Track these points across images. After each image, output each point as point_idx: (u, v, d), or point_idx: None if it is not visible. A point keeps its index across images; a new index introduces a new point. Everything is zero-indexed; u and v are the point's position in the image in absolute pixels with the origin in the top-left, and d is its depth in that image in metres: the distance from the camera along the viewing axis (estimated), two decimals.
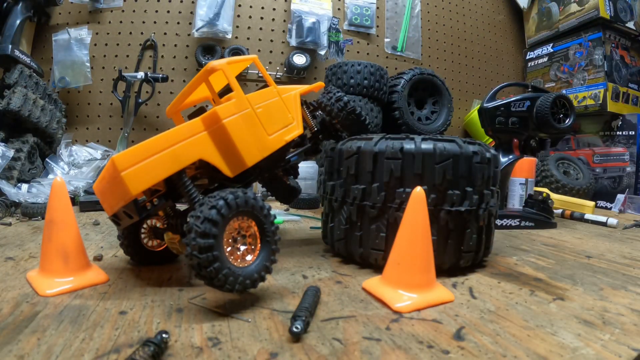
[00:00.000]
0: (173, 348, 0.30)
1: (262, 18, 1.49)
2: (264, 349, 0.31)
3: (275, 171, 0.67)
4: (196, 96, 0.62)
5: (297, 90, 0.58)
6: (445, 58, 1.74)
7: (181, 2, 1.40)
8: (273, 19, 1.50)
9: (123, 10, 1.36)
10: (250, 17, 1.48)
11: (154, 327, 0.34)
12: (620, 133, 1.47)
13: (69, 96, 1.32)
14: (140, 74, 1.28)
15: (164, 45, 1.39)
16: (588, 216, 1.02)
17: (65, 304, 0.38)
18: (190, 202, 0.44)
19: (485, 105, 0.95)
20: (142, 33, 1.37)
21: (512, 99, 0.93)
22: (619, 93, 1.49)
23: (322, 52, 1.48)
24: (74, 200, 1.04)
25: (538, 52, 1.78)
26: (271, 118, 0.52)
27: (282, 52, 1.50)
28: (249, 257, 0.41)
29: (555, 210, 1.03)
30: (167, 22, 1.39)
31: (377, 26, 1.61)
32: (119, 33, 1.35)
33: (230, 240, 0.40)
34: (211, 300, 0.40)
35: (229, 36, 1.40)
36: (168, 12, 1.39)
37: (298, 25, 1.45)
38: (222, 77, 0.59)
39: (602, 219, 0.97)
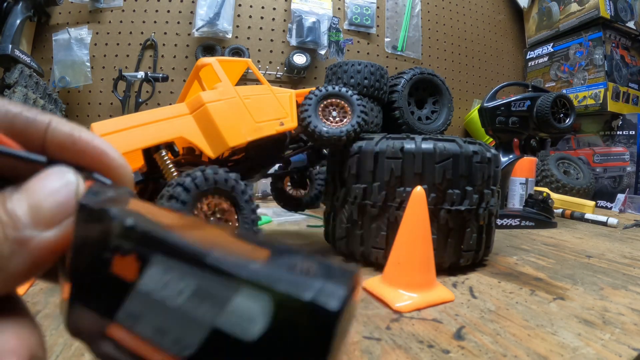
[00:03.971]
0: None
1: (262, 18, 1.49)
2: None
3: (277, 175, 0.68)
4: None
5: (292, 91, 0.59)
6: (445, 58, 1.74)
7: (181, 1, 1.40)
8: (273, 19, 1.50)
9: (123, 10, 1.36)
10: (250, 16, 1.48)
11: None
12: (621, 133, 1.47)
13: (69, 96, 1.32)
14: (141, 74, 1.28)
15: (164, 44, 1.39)
16: (588, 216, 1.02)
17: None
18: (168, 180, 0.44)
19: (485, 105, 0.95)
20: (142, 33, 1.37)
21: (512, 99, 0.93)
22: (619, 93, 1.49)
23: (323, 52, 1.48)
24: None
25: (538, 51, 1.78)
26: (261, 108, 0.53)
27: (282, 52, 1.50)
28: None
29: (555, 210, 1.03)
30: (167, 22, 1.39)
31: (378, 26, 1.61)
32: (119, 33, 1.35)
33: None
34: None
35: (229, 36, 1.40)
36: (168, 11, 1.39)
37: (298, 25, 1.45)
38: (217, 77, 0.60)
39: (603, 218, 0.97)
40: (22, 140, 0.13)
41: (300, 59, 1.43)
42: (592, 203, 1.11)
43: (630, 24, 1.53)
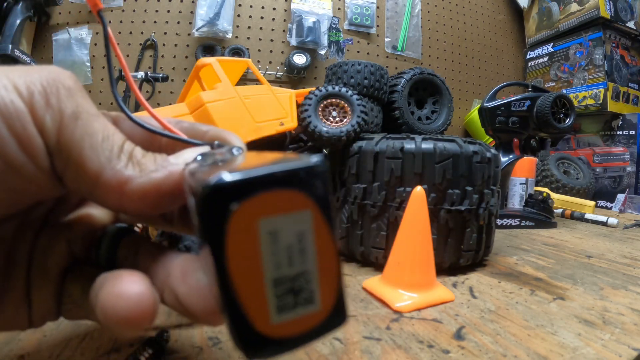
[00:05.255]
0: (173, 347, 0.30)
1: (262, 18, 1.49)
2: None
3: None
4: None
5: (292, 91, 0.59)
6: (445, 58, 1.74)
7: (181, 1, 1.40)
8: (273, 19, 1.50)
9: (123, 10, 1.36)
10: (250, 16, 1.48)
11: (154, 327, 0.34)
12: (621, 133, 1.47)
13: None
14: (141, 74, 1.28)
15: (164, 44, 1.39)
16: (588, 216, 1.02)
17: None
18: None
19: (485, 104, 0.95)
20: (142, 33, 1.37)
21: (512, 99, 0.93)
22: (619, 93, 1.49)
23: (323, 52, 1.48)
24: None
25: (538, 51, 1.78)
26: (261, 108, 0.54)
27: (282, 52, 1.50)
28: None
29: (555, 210, 1.03)
30: (167, 22, 1.39)
31: (378, 26, 1.61)
32: (119, 33, 1.35)
33: None
34: None
35: (229, 36, 1.40)
36: (168, 11, 1.39)
37: (298, 25, 1.45)
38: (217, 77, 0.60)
39: (603, 218, 0.97)
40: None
41: (300, 59, 1.43)
42: (592, 203, 1.11)
43: (630, 24, 1.53)
